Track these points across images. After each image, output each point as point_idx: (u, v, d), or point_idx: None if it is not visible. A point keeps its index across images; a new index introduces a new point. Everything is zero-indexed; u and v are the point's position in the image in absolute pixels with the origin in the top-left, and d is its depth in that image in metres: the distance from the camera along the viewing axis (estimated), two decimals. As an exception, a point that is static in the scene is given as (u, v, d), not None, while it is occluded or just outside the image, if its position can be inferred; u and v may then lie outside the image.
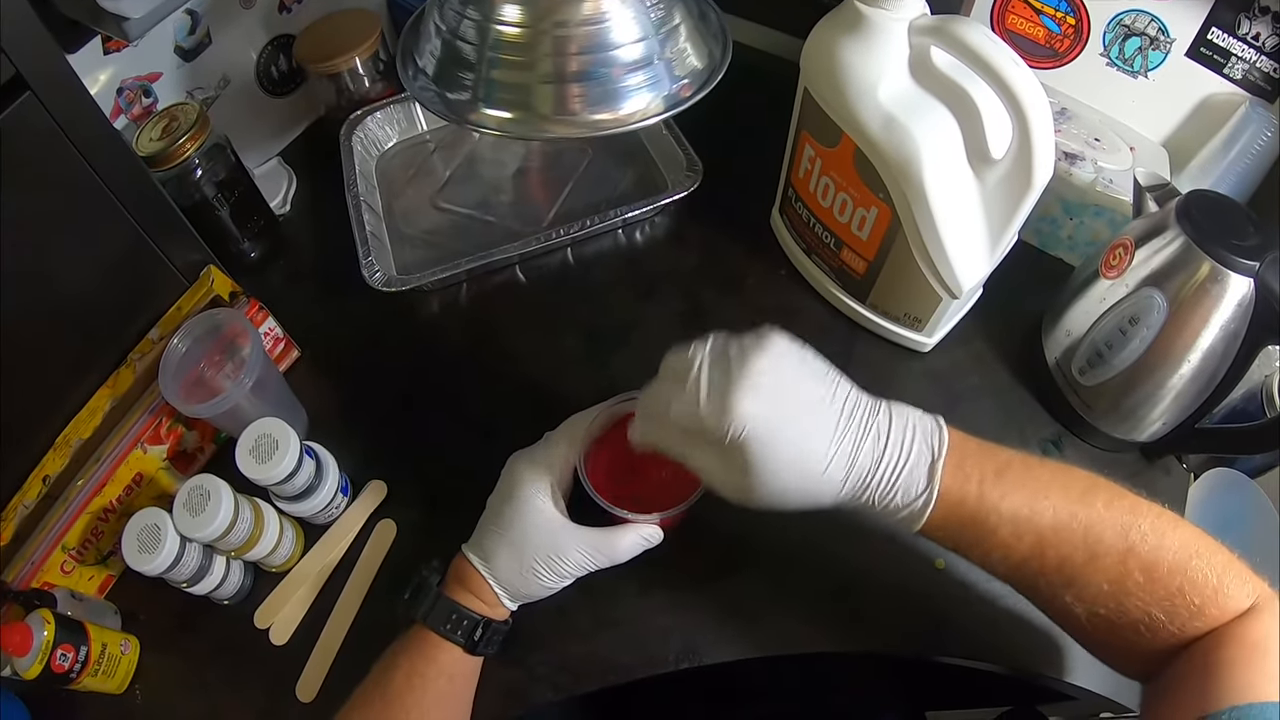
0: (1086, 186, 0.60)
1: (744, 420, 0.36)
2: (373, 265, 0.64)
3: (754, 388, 0.37)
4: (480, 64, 0.45)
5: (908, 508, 0.38)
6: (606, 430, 0.49)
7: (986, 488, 0.38)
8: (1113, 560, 0.37)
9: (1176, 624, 0.36)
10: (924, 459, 0.38)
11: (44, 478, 0.53)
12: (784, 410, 0.37)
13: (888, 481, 0.38)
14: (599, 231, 0.69)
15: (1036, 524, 0.37)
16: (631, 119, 0.45)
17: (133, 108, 0.65)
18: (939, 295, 0.54)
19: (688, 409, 0.38)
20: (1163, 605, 0.36)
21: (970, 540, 0.39)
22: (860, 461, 0.37)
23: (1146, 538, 0.37)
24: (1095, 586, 0.37)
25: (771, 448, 0.37)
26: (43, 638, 0.47)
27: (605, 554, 0.45)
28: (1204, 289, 0.47)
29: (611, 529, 0.46)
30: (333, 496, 0.55)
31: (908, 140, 0.48)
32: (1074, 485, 0.38)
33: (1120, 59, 0.62)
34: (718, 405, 0.37)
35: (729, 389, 0.37)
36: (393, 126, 0.77)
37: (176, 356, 0.54)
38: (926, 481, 0.38)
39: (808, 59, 0.53)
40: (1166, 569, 0.36)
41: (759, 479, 0.37)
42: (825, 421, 0.38)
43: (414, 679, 0.44)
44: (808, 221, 0.61)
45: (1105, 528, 0.37)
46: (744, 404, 0.36)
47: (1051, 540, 0.37)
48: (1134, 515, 0.37)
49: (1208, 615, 0.36)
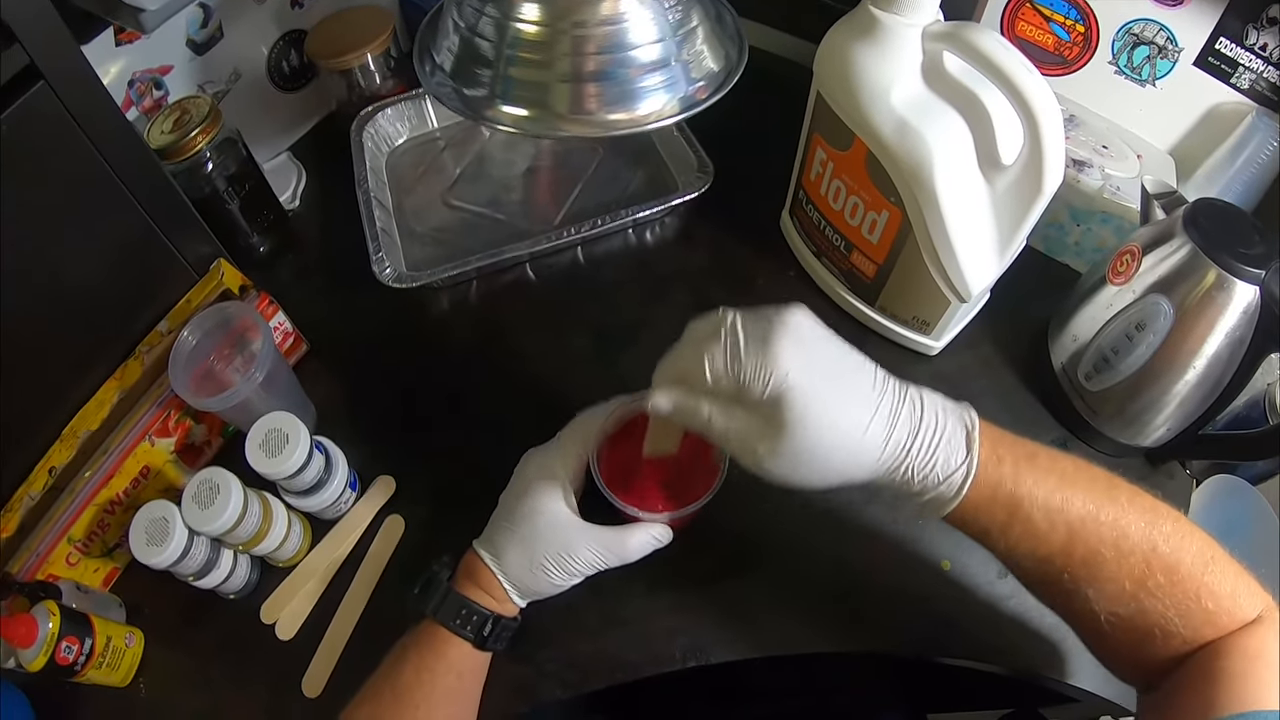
0: (1094, 193, 0.60)
1: (786, 367, 0.35)
2: (383, 261, 0.64)
3: (797, 339, 0.36)
4: (498, 61, 0.45)
5: (947, 480, 0.36)
6: (620, 429, 0.49)
7: (1021, 470, 0.37)
8: (1138, 559, 0.36)
9: (1190, 629, 0.36)
10: (960, 430, 0.37)
11: (50, 469, 0.53)
12: (825, 366, 0.36)
13: (927, 449, 0.36)
14: (609, 231, 0.69)
15: (1067, 514, 0.36)
16: (647, 120, 0.45)
17: (144, 100, 0.65)
18: (948, 299, 0.54)
19: (722, 361, 0.36)
20: (1180, 609, 0.36)
21: (1002, 524, 0.37)
22: (899, 427, 0.36)
23: (1169, 539, 0.36)
24: (1118, 585, 0.36)
25: (813, 401, 0.35)
26: (48, 630, 0.47)
27: (615, 553, 0.45)
28: (1210, 296, 0.48)
29: (622, 528, 0.46)
30: (341, 491, 0.55)
31: (920, 144, 0.48)
32: (1098, 480, 0.38)
33: (1128, 67, 0.63)
34: (758, 354, 0.35)
35: (771, 336, 0.36)
36: (404, 123, 0.77)
37: (186, 349, 0.54)
38: (966, 451, 0.36)
39: (821, 62, 0.53)
40: (1186, 572, 0.36)
41: (798, 438, 0.35)
42: (863, 382, 0.37)
43: (423, 674, 0.44)
44: (818, 224, 0.61)
45: (1130, 525, 0.36)
46: (788, 352, 0.35)
47: (1080, 533, 0.36)
48: (1155, 515, 0.37)
49: (1220, 623, 0.36)
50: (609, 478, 0.46)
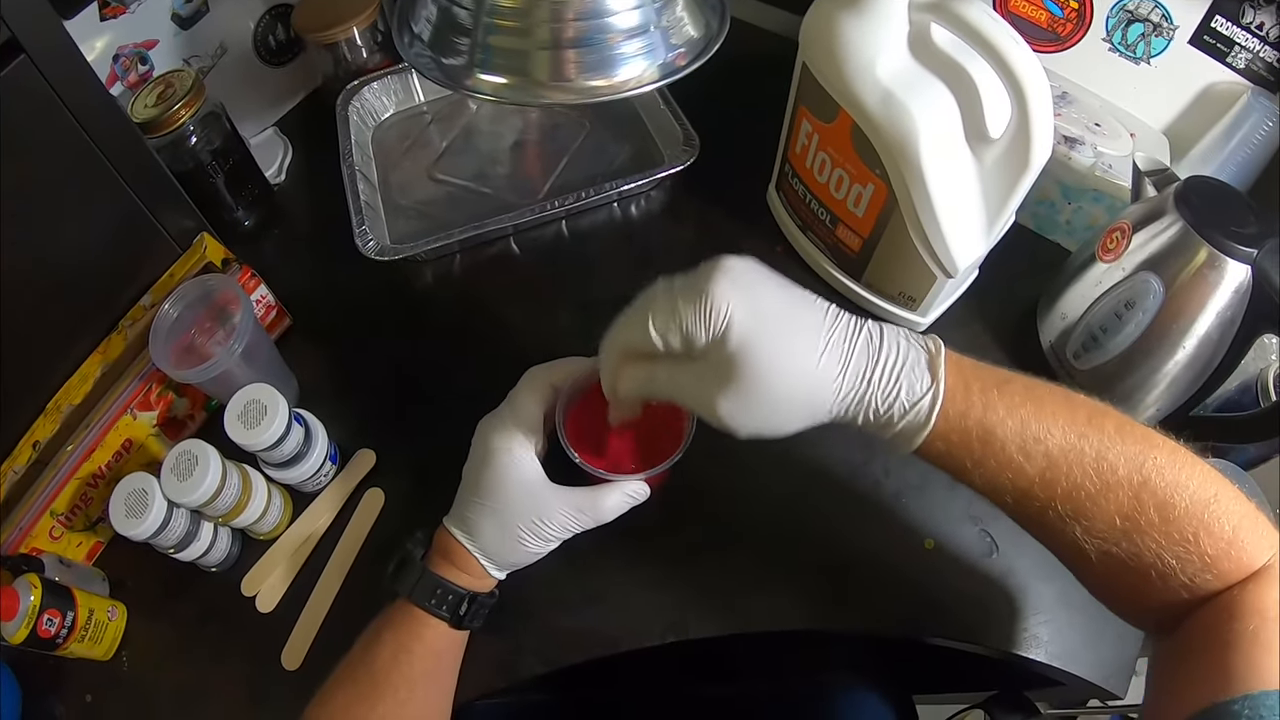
0: (1086, 171, 0.59)
1: (726, 309, 0.34)
2: (366, 234, 0.64)
3: (735, 281, 0.35)
4: (476, 29, 0.45)
5: (914, 409, 0.35)
6: (585, 391, 0.48)
7: (991, 397, 0.35)
8: (1126, 493, 0.34)
9: (1188, 573, 0.33)
10: (922, 357, 0.36)
11: (34, 443, 0.53)
12: (768, 304, 0.35)
13: (889, 378, 0.35)
14: (594, 204, 0.69)
15: (1046, 444, 0.34)
16: (626, 86, 0.45)
17: (129, 75, 0.65)
18: (934, 274, 0.54)
19: (664, 318, 0.36)
20: (1176, 550, 0.33)
21: (976, 457, 0.35)
22: (855, 357, 0.35)
23: (1163, 472, 0.34)
24: (1107, 521, 0.34)
25: (760, 338, 0.34)
26: (29, 602, 0.47)
27: (590, 514, 0.44)
28: (1201, 275, 0.47)
29: (596, 488, 0.45)
30: (321, 464, 0.55)
31: (905, 117, 0.47)
32: (1080, 406, 0.36)
33: (1123, 45, 0.62)
34: (697, 300, 0.34)
35: (709, 283, 0.35)
36: (390, 97, 0.77)
37: (168, 322, 0.54)
38: (930, 379, 0.35)
39: (807, 33, 0.52)
40: (1183, 509, 0.33)
41: (750, 379, 0.34)
42: (812, 316, 0.36)
43: (400, 655, 0.43)
44: (804, 198, 0.60)
45: (1118, 456, 0.34)
46: (726, 294, 0.34)
47: (1061, 463, 0.34)
48: (1147, 446, 0.34)
49: (1220, 569, 0.33)
50: (576, 441, 0.45)
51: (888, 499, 0.53)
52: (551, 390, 0.46)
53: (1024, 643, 0.49)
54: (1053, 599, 0.50)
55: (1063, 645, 0.49)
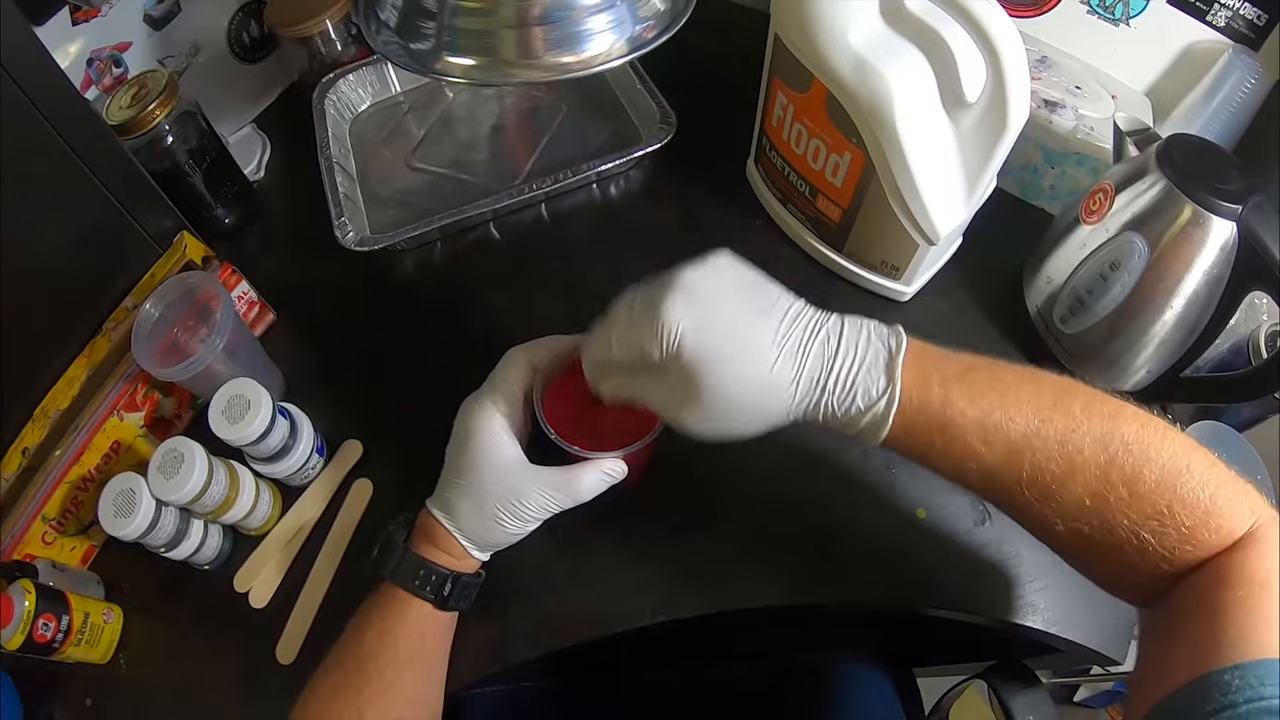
0: (1068, 134, 0.59)
1: (677, 327, 0.35)
2: (346, 226, 0.64)
3: (683, 293, 0.36)
4: (442, 12, 0.45)
5: (870, 411, 0.36)
6: (564, 370, 0.47)
7: (951, 391, 0.36)
8: (1093, 473, 0.34)
9: (1165, 546, 0.33)
10: (880, 357, 0.36)
11: (23, 450, 0.53)
12: (718, 314, 0.36)
13: (843, 383, 0.36)
14: (573, 186, 0.68)
15: (1008, 431, 0.35)
16: (595, 61, 0.45)
17: (104, 78, 0.65)
18: (916, 242, 0.53)
19: (621, 336, 0.37)
20: (1149, 525, 0.34)
21: (939, 449, 0.36)
22: (810, 363, 0.36)
23: (1130, 448, 0.34)
24: (1075, 501, 0.35)
25: (709, 351, 0.35)
26: (24, 608, 0.47)
27: (567, 493, 0.44)
28: (1186, 233, 0.47)
29: (572, 467, 0.44)
30: (308, 457, 0.55)
31: (879, 83, 0.47)
32: (1045, 389, 0.36)
33: (1101, 6, 0.61)
34: (649, 320, 0.36)
35: (659, 301, 0.36)
36: (365, 89, 0.76)
37: (150, 322, 0.54)
38: (886, 381, 0.36)
39: (777, 3, 0.52)
40: (1153, 484, 0.33)
41: (704, 393, 0.36)
42: (765, 324, 0.36)
43: (385, 638, 0.43)
44: (782, 170, 0.60)
45: (1083, 436, 0.34)
46: (676, 312, 0.35)
47: (1024, 448, 0.35)
48: (1115, 422, 0.35)
49: (1199, 539, 0.33)
50: (554, 419, 0.45)
51: (876, 470, 0.53)
52: (531, 369, 0.46)
53: (1020, 610, 0.49)
54: (1048, 566, 0.50)
55: (1060, 611, 0.49)
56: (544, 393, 0.46)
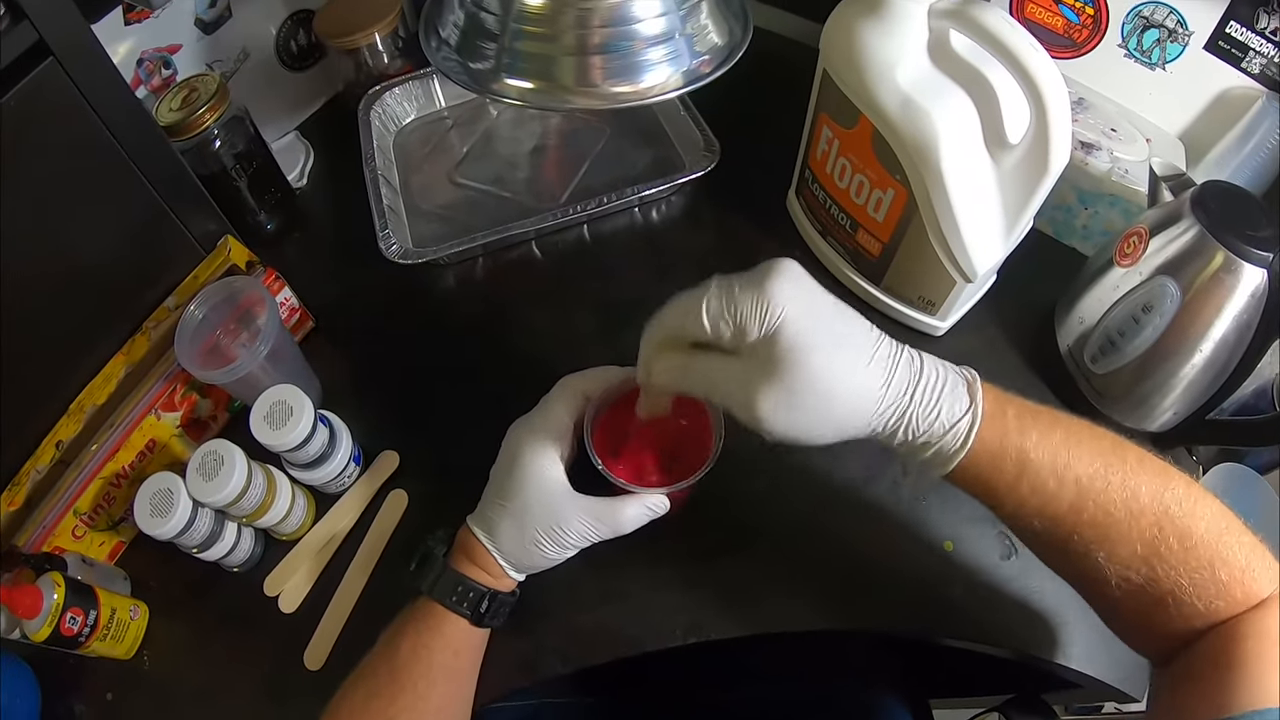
0: (1102, 176, 0.60)
1: (783, 302, 0.34)
2: (389, 237, 0.65)
3: (793, 279, 0.35)
4: (503, 34, 0.45)
5: (952, 429, 0.36)
6: (614, 402, 0.48)
7: (1025, 423, 0.36)
8: (1149, 521, 0.35)
9: (1203, 600, 0.35)
10: (961, 382, 0.36)
11: (57, 443, 0.54)
12: (820, 303, 0.36)
13: (930, 396, 0.35)
14: (615, 209, 0.69)
15: (1076, 470, 0.36)
16: (651, 92, 0.46)
17: (152, 79, 0.66)
18: (953, 279, 0.54)
19: (718, 304, 0.35)
20: (1193, 577, 0.35)
21: (1009, 481, 0.36)
22: (899, 373, 0.35)
23: (1182, 503, 0.35)
24: (1129, 548, 0.35)
25: (811, 337, 0.34)
26: (53, 601, 0.48)
27: (608, 524, 0.44)
28: (1218, 279, 0.47)
29: (615, 499, 0.45)
30: (345, 465, 0.55)
31: (926, 122, 0.48)
32: (1103, 437, 0.37)
33: (1138, 50, 0.62)
34: (754, 292, 0.35)
35: (767, 276, 0.35)
36: (411, 103, 0.77)
37: (193, 323, 0.55)
38: (969, 401, 0.36)
39: (828, 39, 0.53)
40: (1200, 539, 0.35)
41: (796, 376, 0.34)
42: (859, 327, 0.36)
43: (420, 651, 0.43)
44: (824, 203, 0.61)
45: (1141, 485, 0.35)
46: (785, 290, 0.35)
47: (1089, 491, 0.36)
48: (1167, 478, 0.36)
49: (1233, 596, 0.35)
50: (602, 450, 0.46)
51: (906, 501, 0.54)
52: (584, 398, 0.47)
53: (1042, 644, 0.49)
54: (1070, 602, 0.49)
55: (1081, 647, 0.49)
56: (594, 422, 0.47)
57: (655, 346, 0.40)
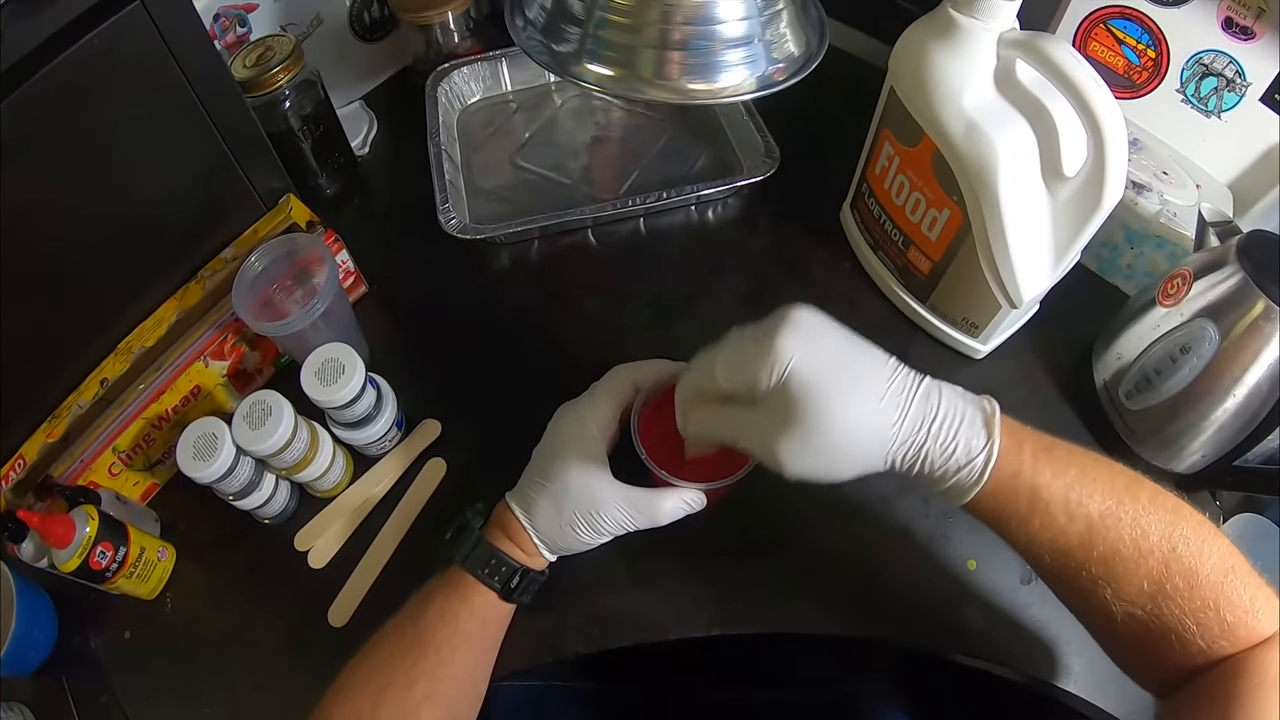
0: (1151, 217, 0.60)
1: (789, 355, 0.36)
2: (449, 211, 0.66)
3: (800, 330, 0.37)
4: (588, 21, 0.47)
5: (968, 464, 0.37)
6: (662, 394, 0.49)
7: (1040, 459, 0.37)
8: (1157, 560, 0.36)
9: (1206, 640, 0.36)
10: (979, 416, 0.37)
11: (102, 380, 0.54)
12: (829, 347, 0.37)
13: (947, 432, 0.36)
14: (673, 205, 0.70)
15: (1087, 508, 0.37)
16: (724, 93, 0.47)
17: (227, 35, 0.67)
18: (999, 303, 0.55)
19: (729, 361, 0.38)
20: (1198, 616, 0.36)
21: (1021, 516, 0.37)
22: (915, 407, 0.36)
23: (1189, 542, 0.36)
24: (1136, 585, 0.36)
25: (819, 385, 0.36)
26: (85, 533, 0.49)
27: (645, 514, 0.45)
28: (1257, 326, 0.48)
29: (654, 490, 0.46)
30: (388, 429, 0.56)
31: (987, 147, 0.49)
32: (1119, 476, 0.38)
33: (1195, 97, 0.63)
34: (762, 347, 0.37)
35: (774, 330, 0.37)
36: (478, 83, 0.79)
37: (252, 274, 0.56)
38: (987, 436, 0.37)
39: (897, 59, 0.54)
40: (1205, 578, 0.36)
41: (807, 424, 0.36)
42: (872, 367, 0.37)
43: (447, 616, 0.44)
44: (878, 217, 0.62)
45: (1151, 524, 0.36)
46: (790, 342, 0.36)
47: (1100, 528, 0.37)
48: (1176, 517, 0.37)
49: (1237, 635, 0.36)
50: (647, 442, 0.46)
51: (935, 517, 0.54)
52: (633, 388, 0.47)
53: (1053, 671, 0.50)
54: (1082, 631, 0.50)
55: (1091, 677, 0.50)
56: (640, 412, 0.47)
57: (688, 402, 0.42)
